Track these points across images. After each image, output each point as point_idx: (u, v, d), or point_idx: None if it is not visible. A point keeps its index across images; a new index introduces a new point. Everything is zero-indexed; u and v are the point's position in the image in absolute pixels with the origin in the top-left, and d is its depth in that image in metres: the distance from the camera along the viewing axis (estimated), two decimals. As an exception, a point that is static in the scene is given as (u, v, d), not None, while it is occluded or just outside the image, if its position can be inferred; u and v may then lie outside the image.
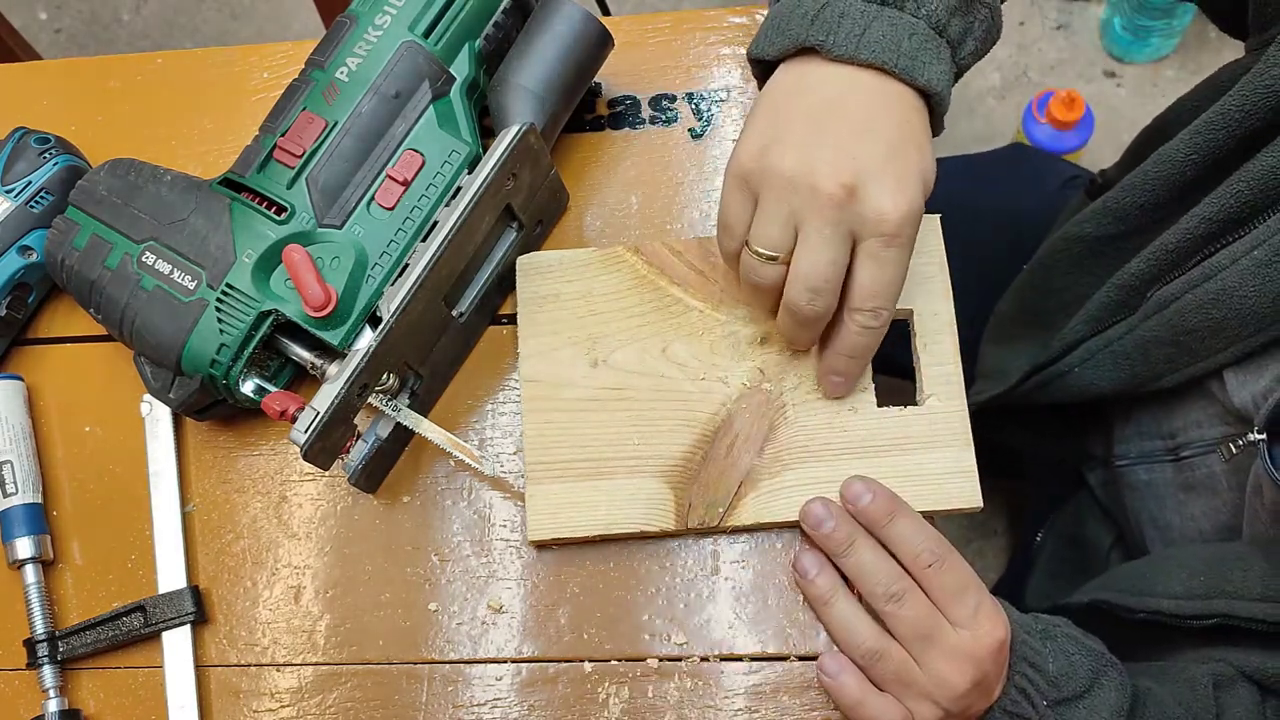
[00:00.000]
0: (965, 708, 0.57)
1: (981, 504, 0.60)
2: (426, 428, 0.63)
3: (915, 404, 0.61)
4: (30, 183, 0.68)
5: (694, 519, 0.61)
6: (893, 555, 0.58)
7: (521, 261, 0.66)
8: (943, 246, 0.63)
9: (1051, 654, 0.59)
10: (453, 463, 0.66)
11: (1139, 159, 0.74)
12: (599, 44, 0.66)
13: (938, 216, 0.64)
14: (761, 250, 0.54)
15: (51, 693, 0.63)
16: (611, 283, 0.65)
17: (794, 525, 0.61)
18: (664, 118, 0.72)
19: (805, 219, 0.52)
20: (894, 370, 0.70)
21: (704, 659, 0.61)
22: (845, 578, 0.60)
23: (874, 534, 0.58)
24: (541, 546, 0.64)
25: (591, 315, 0.65)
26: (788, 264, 0.54)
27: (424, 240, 0.61)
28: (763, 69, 0.59)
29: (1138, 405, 0.79)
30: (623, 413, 0.62)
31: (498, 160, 0.60)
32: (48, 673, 0.63)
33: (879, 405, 0.61)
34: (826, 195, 0.51)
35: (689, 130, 0.72)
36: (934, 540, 0.57)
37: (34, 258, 0.68)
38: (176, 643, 0.64)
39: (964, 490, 0.60)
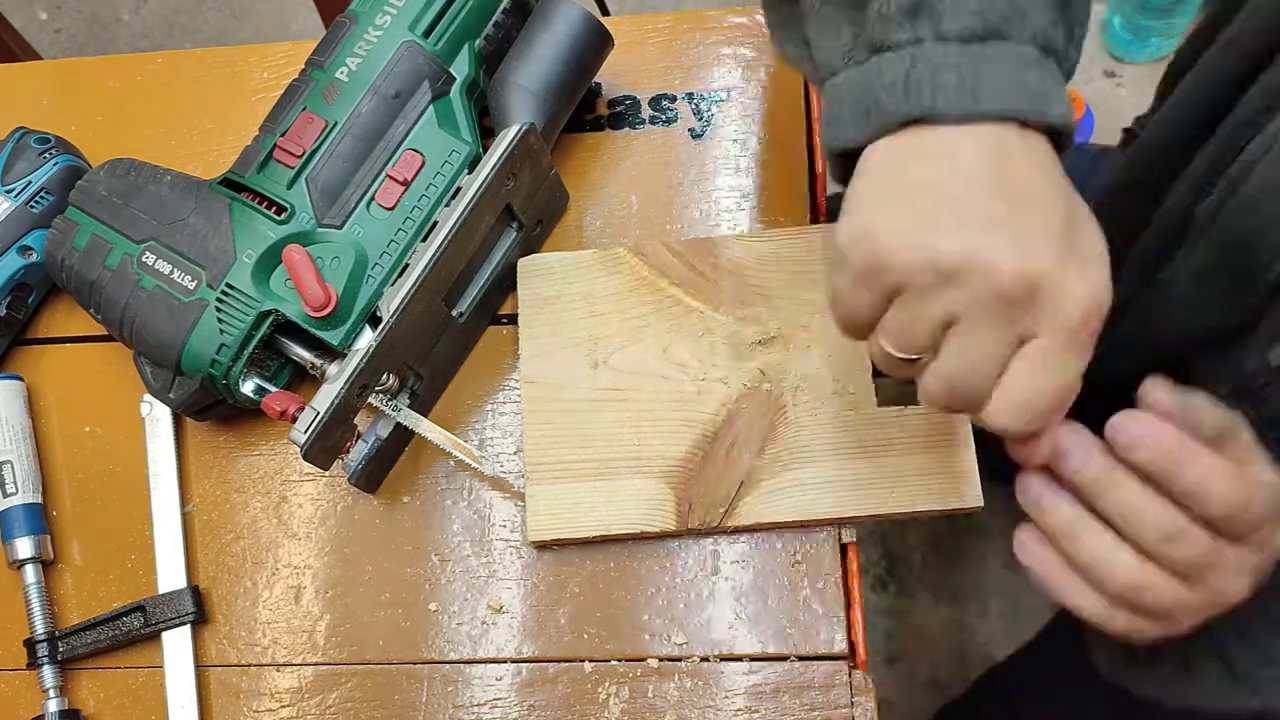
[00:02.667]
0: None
1: (983, 503, 0.60)
2: (426, 428, 0.63)
3: (915, 404, 0.61)
4: (30, 183, 0.68)
5: (694, 519, 0.61)
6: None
7: (523, 263, 0.66)
8: None
9: None
10: (453, 463, 0.66)
11: (1165, 95, 0.67)
12: (599, 44, 0.66)
13: None
14: (901, 355, 0.45)
15: (51, 693, 0.63)
16: (612, 284, 0.65)
17: (794, 525, 0.61)
18: (664, 118, 0.72)
19: (967, 318, 0.42)
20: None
21: (704, 659, 0.61)
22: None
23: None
24: (542, 547, 0.64)
25: (592, 316, 0.65)
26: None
27: (424, 240, 0.61)
28: (844, 160, 0.47)
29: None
30: (623, 413, 0.62)
31: (498, 160, 0.60)
32: (48, 673, 0.63)
33: (879, 405, 0.61)
34: (1002, 293, 0.41)
35: (689, 130, 0.72)
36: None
37: (34, 258, 0.68)
38: (176, 643, 0.64)
39: (965, 490, 0.60)
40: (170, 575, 0.65)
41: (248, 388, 0.62)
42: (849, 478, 0.60)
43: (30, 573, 0.65)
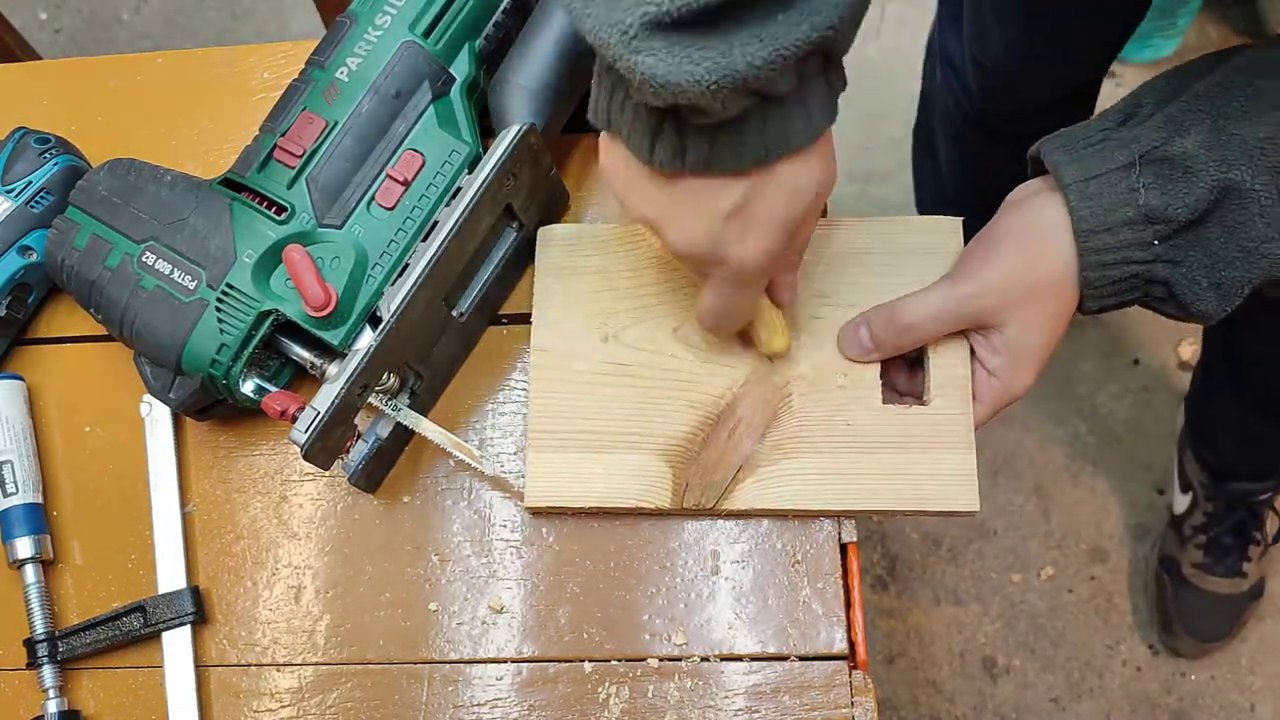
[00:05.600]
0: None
1: (978, 507, 0.59)
2: (426, 428, 0.63)
3: (921, 404, 0.61)
4: (30, 183, 0.68)
5: (690, 499, 0.61)
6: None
7: (542, 232, 0.67)
8: (963, 249, 0.63)
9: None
10: (453, 463, 0.66)
11: None
12: (599, 44, 0.66)
13: (960, 220, 0.63)
14: None
15: (51, 693, 0.63)
16: (630, 260, 0.65)
17: (789, 514, 0.61)
18: (664, 118, 0.72)
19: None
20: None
21: (704, 659, 0.61)
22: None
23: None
24: (538, 513, 0.64)
25: (607, 290, 0.65)
26: None
27: (424, 240, 0.61)
28: None
29: None
30: (629, 389, 0.63)
31: (498, 160, 0.60)
32: (48, 673, 0.63)
33: (884, 402, 0.61)
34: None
35: (689, 130, 0.72)
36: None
37: (34, 258, 0.68)
38: (176, 643, 0.64)
39: (962, 494, 0.60)
40: (170, 575, 0.65)
41: (248, 388, 0.62)
42: (848, 471, 0.60)
43: (30, 573, 0.65)
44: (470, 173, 0.61)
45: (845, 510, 0.61)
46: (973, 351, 0.61)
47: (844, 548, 0.62)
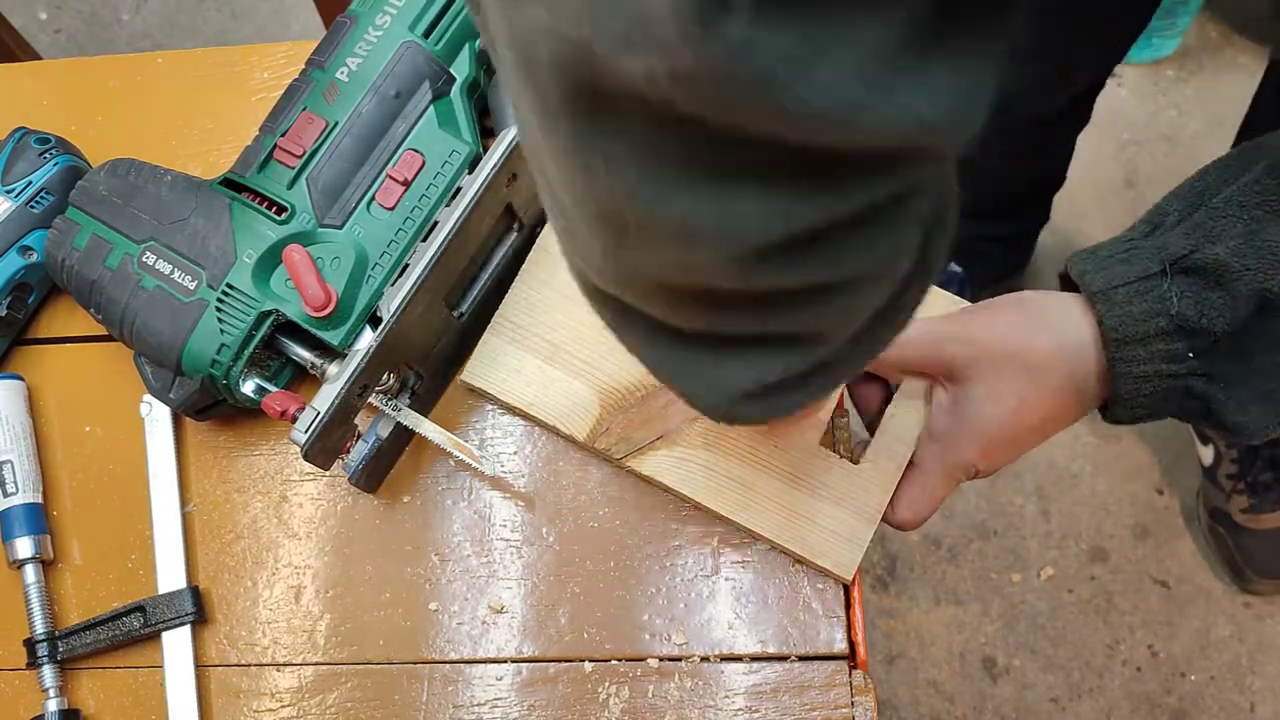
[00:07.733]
0: None
1: (850, 578, 0.60)
2: (426, 428, 0.63)
3: (853, 461, 0.61)
4: (30, 183, 0.68)
5: (603, 443, 0.62)
6: None
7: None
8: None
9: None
10: (453, 463, 0.66)
11: None
12: (599, 44, 0.66)
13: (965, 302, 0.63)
14: None
15: (51, 693, 0.63)
16: None
17: (681, 499, 0.62)
18: (664, 118, 0.72)
19: None
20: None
21: (704, 659, 0.61)
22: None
23: None
24: (471, 392, 0.65)
25: None
26: None
27: (424, 240, 0.61)
28: None
29: None
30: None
31: (498, 160, 0.60)
32: (47, 673, 0.63)
33: (819, 443, 0.61)
34: None
35: (689, 130, 0.72)
36: None
37: (34, 258, 0.68)
38: (176, 643, 0.64)
39: (844, 559, 0.60)
40: (170, 575, 0.65)
41: (248, 388, 0.62)
42: (753, 489, 0.61)
43: (30, 572, 0.65)
44: (471, 173, 0.61)
45: (734, 521, 0.61)
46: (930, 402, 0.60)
47: (844, 548, 0.62)
